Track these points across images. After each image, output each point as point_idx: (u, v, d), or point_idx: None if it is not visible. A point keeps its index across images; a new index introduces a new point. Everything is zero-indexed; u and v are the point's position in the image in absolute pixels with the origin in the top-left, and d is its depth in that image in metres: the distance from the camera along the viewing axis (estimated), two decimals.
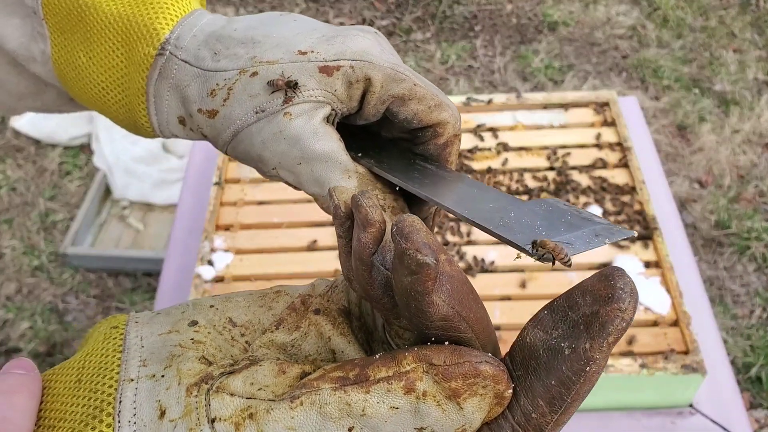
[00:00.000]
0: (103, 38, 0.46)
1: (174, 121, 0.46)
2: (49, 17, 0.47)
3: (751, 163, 2.55)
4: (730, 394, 1.03)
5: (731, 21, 3.10)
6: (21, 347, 2.12)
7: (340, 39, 0.43)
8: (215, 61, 0.44)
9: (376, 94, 0.44)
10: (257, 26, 0.45)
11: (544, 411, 0.30)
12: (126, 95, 0.46)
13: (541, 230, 0.40)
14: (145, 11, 0.45)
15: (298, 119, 0.42)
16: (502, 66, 2.94)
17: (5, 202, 2.51)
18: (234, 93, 0.43)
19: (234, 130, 0.44)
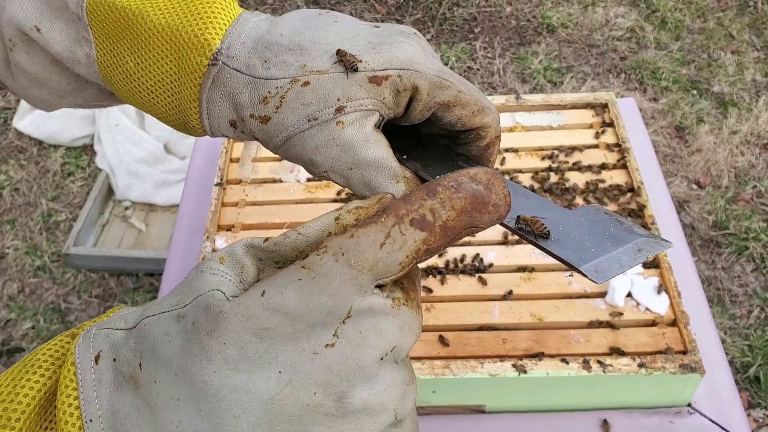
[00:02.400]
0: (152, 46, 0.48)
1: (225, 124, 0.48)
2: (94, 23, 0.50)
3: (749, 164, 2.56)
4: (729, 393, 1.04)
5: (729, 23, 3.11)
6: (23, 347, 2.13)
7: (386, 47, 0.45)
8: (266, 69, 0.45)
9: (422, 102, 0.45)
10: (302, 29, 0.47)
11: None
12: (177, 99, 0.49)
13: (589, 246, 0.42)
14: (194, 22, 0.47)
15: (350, 127, 0.44)
16: (501, 67, 2.95)
17: (8, 203, 2.52)
18: (286, 101, 0.45)
19: (286, 135, 0.45)
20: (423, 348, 0.98)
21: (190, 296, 0.35)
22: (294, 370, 0.33)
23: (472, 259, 1.08)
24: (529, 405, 1.01)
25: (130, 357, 0.35)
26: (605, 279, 0.40)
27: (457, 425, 1.01)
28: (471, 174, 0.37)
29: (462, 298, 1.04)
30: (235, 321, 0.33)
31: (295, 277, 0.34)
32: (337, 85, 0.44)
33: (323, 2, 3.26)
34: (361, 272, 0.34)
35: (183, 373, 0.33)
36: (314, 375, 0.33)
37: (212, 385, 0.32)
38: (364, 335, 0.34)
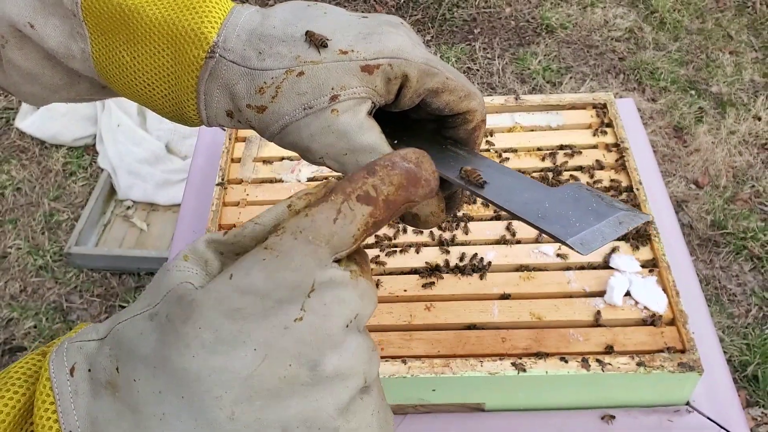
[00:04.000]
0: (149, 40, 0.49)
1: (222, 114, 0.51)
2: (89, 19, 0.51)
3: (747, 164, 2.56)
4: (727, 392, 1.04)
5: (728, 23, 3.11)
6: (25, 346, 2.14)
7: (376, 37, 0.48)
8: (261, 60, 0.47)
9: (412, 89, 0.48)
10: (293, 21, 0.49)
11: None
12: (173, 91, 0.50)
13: (573, 221, 0.45)
14: (190, 16, 0.48)
15: (345, 115, 0.47)
16: (500, 68, 2.96)
17: (10, 203, 2.52)
18: (282, 91, 0.47)
19: (282, 124, 0.48)
20: (422, 347, 0.99)
21: (159, 295, 0.36)
22: (268, 346, 0.34)
23: (471, 258, 1.09)
24: (529, 403, 1.01)
25: (106, 363, 0.36)
26: (590, 251, 0.43)
27: (456, 424, 1.02)
28: (401, 154, 0.40)
29: (461, 297, 1.05)
30: (207, 306, 0.34)
31: (259, 257, 0.35)
32: (331, 74, 0.46)
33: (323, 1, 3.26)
34: (319, 246, 0.36)
35: (162, 365, 0.34)
36: (287, 348, 0.34)
37: (192, 370, 0.33)
38: (328, 306, 0.35)
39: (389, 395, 0.99)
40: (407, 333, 1.01)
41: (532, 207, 0.46)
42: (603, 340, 0.98)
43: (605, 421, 1.00)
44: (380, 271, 1.09)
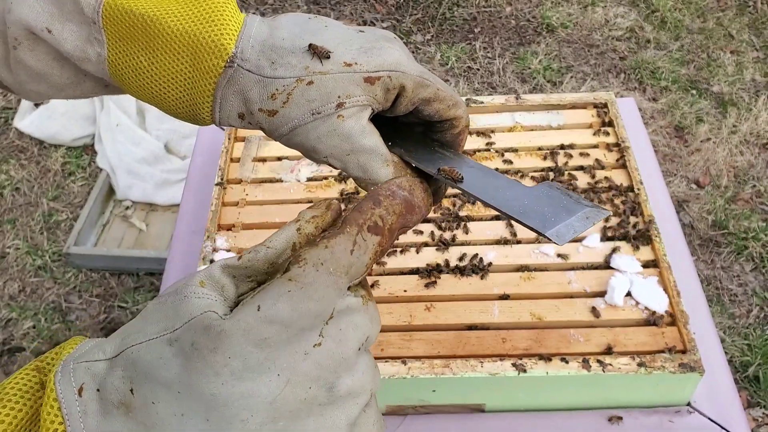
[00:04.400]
0: (169, 49, 0.53)
1: (234, 116, 0.55)
2: (108, 27, 0.54)
3: (749, 164, 2.56)
4: (728, 392, 1.04)
5: (729, 23, 3.11)
6: (24, 346, 2.13)
7: (376, 52, 0.53)
8: (273, 70, 0.52)
9: (407, 98, 0.54)
10: (299, 34, 0.54)
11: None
12: (189, 95, 0.55)
13: (549, 216, 0.53)
14: (210, 29, 0.53)
15: (349, 120, 0.52)
16: (501, 67, 2.95)
17: (9, 202, 2.52)
18: (293, 97, 0.52)
19: (292, 126, 0.53)
20: (423, 347, 0.99)
21: (179, 321, 0.38)
22: (291, 371, 0.37)
23: (471, 259, 1.08)
24: (529, 404, 1.01)
25: (119, 384, 0.37)
26: (564, 242, 0.51)
27: (456, 424, 1.01)
28: (398, 183, 0.46)
29: (461, 297, 1.05)
30: (237, 336, 0.36)
31: (284, 289, 0.38)
32: (337, 84, 0.52)
33: (324, 2, 3.26)
34: (339, 277, 0.40)
35: (188, 390, 0.36)
36: (308, 372, 0.37)
37: (221, 395, 0.36)
38: (344, 331, 0.39)
39: (389, 396, 0.99)
40: (407, 333, 1.00)
41: (513, 203, 0.54)
42: (604, 341, 0.98)
43: (612, 422, 1.00)
44: (380, 271, 1.08)
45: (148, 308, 0.41)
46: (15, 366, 2.09)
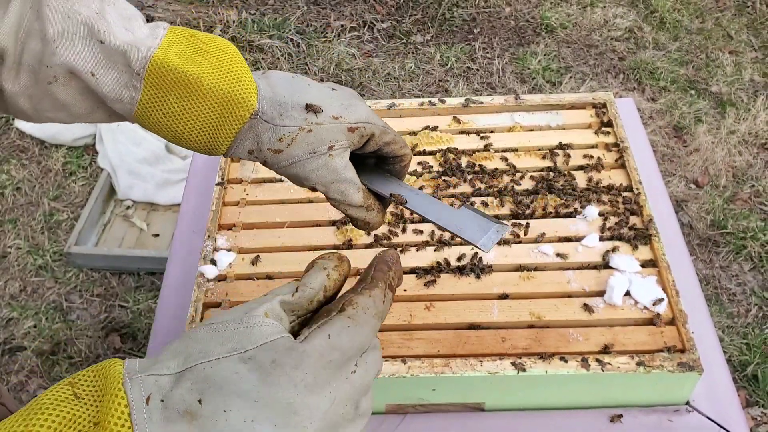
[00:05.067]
0: (203, 100, 0.68)
1: (245, 151, 0.72)
2: (149, 78, 0.67)
3: (747, 164, 2.57)
4: (727, 392, 1.04)
5: (727, 23, 3.12)
6: (25, 345, 2.14)
7: (353, 108, 0.73)
8: (281, 120, 0.70)
9: (375, 141, 0.75)
10: (293, 92, 0.72)
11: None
12: (213, 136, 0.70)
13: (475, 230, 0.78)
14: (239, 88, 0.69)
15: (336, 158, 0.72)
16: (500, 68, 2.96)
17: (10, 202, 2.53)
18: (296, 141, 0.71)
19: (292, 161, 0.72)
20: (422, 346, 0.99)
21: (250, 343, 0.46)
22: (337, 390, 0.47)
23: (470, 258, 1.09)
24: (528, 403, 1.01)
25: (186, 396, 0.43)
26: (488, 250, 0.77)
27: (456, 423, 1.02)
28: (391, 253, 0.58)
29: (461, 297, 1.05)
30: (314, 357, 0.46)
31: (345, 324, 0.49)
32: (329, 132, 0.71)
33: (324, 2, 3.27)
34: (379, 321, 0.52)
35: (265, 399, 0.43)
36: (347, 393, 0.48)
37: (294, 404, 0.44)
38: (369, 364, 0.51)
39: (389, 395, 0.99)
40: (407, 333, 1.01)
41: (450, 220, 0.78)
42: (603, 340, 0.98)
43: (614, 422, 1.00)
44: None
45: (200, 332, 0.47)
46: (16, 365, 2.10)
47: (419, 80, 2.93)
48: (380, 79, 2.93)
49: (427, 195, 0.79)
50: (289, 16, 3.16)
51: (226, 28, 3.08)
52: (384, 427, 1.02)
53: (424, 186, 1.20)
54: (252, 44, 3.03)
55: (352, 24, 3.16)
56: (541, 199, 1.16)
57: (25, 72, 0.66)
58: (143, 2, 3.16)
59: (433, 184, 1.20)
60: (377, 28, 3.16)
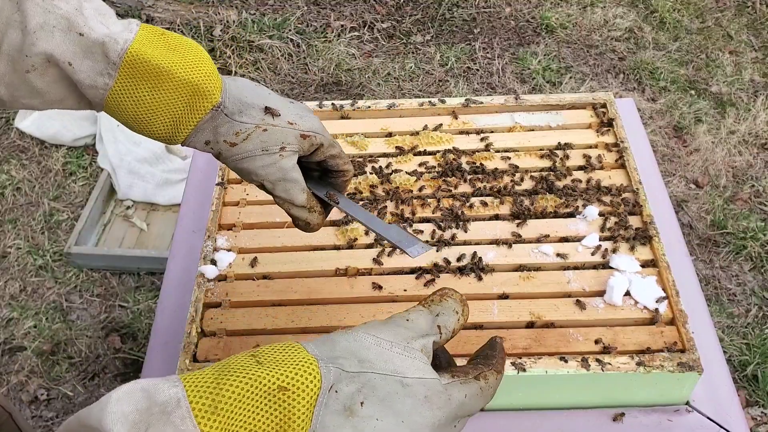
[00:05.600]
0: (172, 90, 0.74)
1: (201, 141, 0.79)
2: (125, 68, 0.72)
3: (747, 164, 2.57)
4: (727, 392, 1.04)
5: (727, 23, 3.12)
6: (25, 345, 2.14)
7: (307, 118, 0.81)
8: (240, 116, 0.77)
9: (322, 152, 0.82)
10: (255, 96, 0.79)
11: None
12: (175, 124, 0.76)
13: (404, 242, 0.84)
14: (206, 81, 0.75)
15: (286, 159, 0.79)
16: (500, 68, 2.96)
17: (10, 202, 2.53)
18: (251, 137, 0.78)
19: (243, 156, 0.78)
20: None
21: (411, 373, 0.53)
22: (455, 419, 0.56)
23: (470, 258, 1.09)
24: (528, 403, 1.02)
25: (354, 394, 0.51)
26: (415, 257, 0.82)
27: None
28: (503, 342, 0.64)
29: None
30: (454, 406, 0.54)
31: (478, 392, 0.57)
32: (282, 134, 0.78)
33: (324, 3, 3.27)
34: (487, 400, 0.59)
35: (408, 422, 0.51)
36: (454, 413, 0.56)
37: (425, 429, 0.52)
38: (458, 427, 0.57)
39: None
40: None
41: (380, 227, 0.85)
42: (602, 340, 0.98)
43: (617, 421, 1.00)
44: (380, 270, 1.09)
45: (368, 341, 0.54)
46: (16, 365, 2.10)
47: (419, 80, 2.93)
48: (380, 79, 2.93)
49: (362, 208, 0.88)
50: (289, 16, 3.16)
51: (226, 28, 3.08)
52: None
53: (425, 186, 1.20)
54: (252, 44, 3.03)
55: (352, 24, 3.16)
56: (541, 199, 1.16)
57: (4, 61, 0.70)
58: (143, 2, 3.16)
59: (434, 184, 1.20)
60: (377, 28, 3.16)
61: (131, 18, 0.76)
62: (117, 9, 3.18)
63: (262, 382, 0.48)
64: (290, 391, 0.48)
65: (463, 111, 1.32)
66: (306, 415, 0.48)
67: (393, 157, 1.25)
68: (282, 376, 0.49)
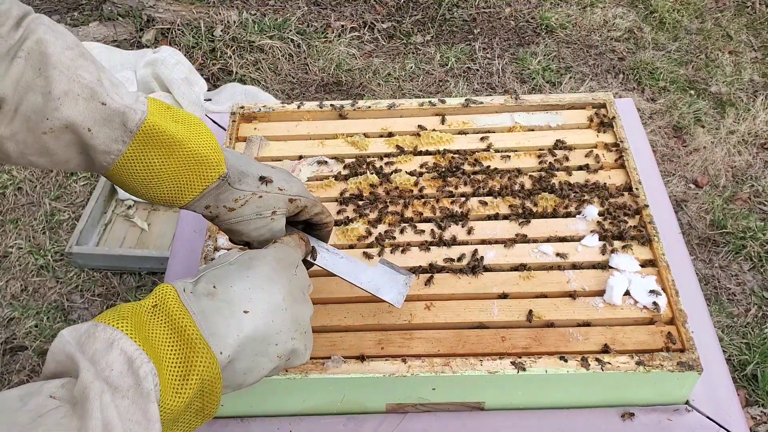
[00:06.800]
0: (182, 159, 0.81)
1: (202, 206, 0.86)
2: (140, 136, 0.79)
3: (747, 164, 2.57)
4: (726, 391, 1.05)
5: (727, 23, 3.12)
6: (27, 345, 2.14)
7: (294, 182, 0.91)
8: (240, 184, 0.87)
9: (306, 212, 0.92)
10: (248, 165, 0.89)
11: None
12: (180, 189, 0.83)
13: (386, 288, 0.97)
14: (214, 154, 0.83)
15: (276, 221, 0.89)
16: (500, 68, 2.96)
17: (11, 202, 2.53)
18: (248, 203, 0.87)
19: (240, 219, 0.88)
20: (422, 346, 0.99)
21: (232, 257, 0.79)
22: (290, 278, 0.79)
23: (470, 257, 1.09)
24: (528, 402, 1.02)
25: (206, 285, 0.72)
26: (400, 305, 0.97)
27: (456, 422, 1.02)
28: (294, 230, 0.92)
29: (461, 296, 1.05)
30: (271, 256, 0.80)
31: (281, 245, 0.85)
32: (275, 200, 0.88)
33: (324, 3, 3.27)
34: (298, 249, 0.88)
35: (252, 276, 0.74)
36: (295, 282, 0.79)
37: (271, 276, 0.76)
38: (300, 272, 0.83)
39: (389, 394, 1.00)
40: (407, 332, 1.01)
41: (363, 279, 0.97)
42: (602, 340, 0.99)
43: (625, 419, 1.00)
44: None
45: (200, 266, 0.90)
46: (17, 365, 2.10)
47: (419, 80, 2.93)
48: (380, 79, 2.93)
49: (345, 255, 0.98)
50: (290, 17, 3.17)
51: (227, 28, 3.09)
52: (384, 426, 1.02)
53: (425, 186, 1.20)
54: (252, 44, 3.04)
55: (352, 24, 3.17)
56: (541, 199, 1.17)
57: (20, 120, 0.75)
58: (144, 2, 3.17)
59: (434, 184, 1.21)
60: (377, 29, 3.16)
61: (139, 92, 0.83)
62: (118, 9, 3.18)
63: (142, 306, 0.68)
64: (158, 306, 0.68)
65: (463, 111, 1.33)
66: (179, 308, 0.68)
67: (393, 156, 1.26)
68: (153, 300, 0.69)
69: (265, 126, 1.33)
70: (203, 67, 2.96)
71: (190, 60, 2.84)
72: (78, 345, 0.61)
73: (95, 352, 0.60)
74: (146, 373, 0.60)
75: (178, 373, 0.64)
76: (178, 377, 0.64)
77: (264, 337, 0.71)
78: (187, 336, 0.66)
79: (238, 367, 0.70)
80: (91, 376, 0.57)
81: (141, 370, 0.60)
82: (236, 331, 0.69)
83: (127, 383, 0.59)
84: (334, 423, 1.03)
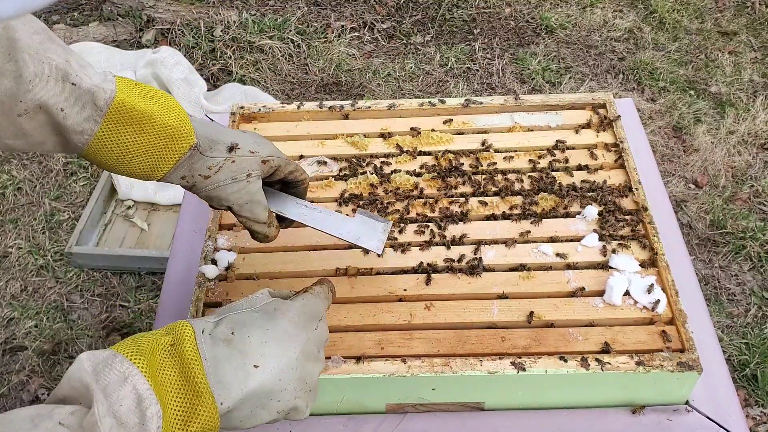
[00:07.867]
0: (153, 133, 0.84)
1: (178, 177, 0.89)
2: (111, 114, 0.81)
3: (746, 164, 2.57)
4: (726, 391, 1.05)
5: (727, 23, 3.12)
6: (26, 345, 2.14)
7: (264, 145, 0.93)
8: (212, 151, 0.89)
9: (281, 171, 0.95)
10: (218, 133, 0.91)
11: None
12: (154, 163, 0.86)
13: (366, 237, 0.99)
14: (183, 125, 0.86)
15: (252, 184, 0.91)
16: (500, 68, 2.96)
17: (11, 202, 2.53)
18: (222, 169, 0.89)
19: (216, 185, 0.90)
20: (422, 346, 0.99)
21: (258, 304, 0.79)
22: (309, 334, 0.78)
23: (471, 257, 1.09)
24: (528, 402, 1.02)
25: (224, 330, 0.73)
26: (381, 252, 0.99)
27: (456, 422, 1.02)
28: (325, 280, 0.86)
29: (461, 297, 1.05)
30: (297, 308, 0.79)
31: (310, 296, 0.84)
32: (247, 163, 0.90)
33: (324, 3, 3.27)
34: (326, 302, 0.84)
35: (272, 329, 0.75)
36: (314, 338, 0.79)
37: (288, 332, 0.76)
38: (321, 327, 0.82)
39: (389, 394, 1.00)
40: (407, 332, 1.01)
41: (346, 231, 0.99)
42: (602, 340, 0.99)
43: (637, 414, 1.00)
44: (381, 270, 1.09)
45: (223, 305, 0.88)
46: (17, 365, 2.10)
47: (419, 80, 2.93)
48: (380, 79, 2.93)
49: (324, 209, 1.00)
50: (290, 17, 3.17)
51: (227, 28, 3.09)
52: (384, 426, 1.02)
53: (425, 186, 1.20)
54: (252, 45, 3.04)
55: (352, 25, 3.17)
56: (541, 199, 1.17)
57: None
58: (144, 2, 3.17)
59: (434, 184, 1.21)
60: (377, 29, 3.16)
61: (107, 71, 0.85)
62: (118, 10, 3.18)
63: (161, 341, 0.70)
64: (175, 345, 0.70)
65: (463, 111, 1.33)
66: (193, 352, 0.69)
67: (393, 156, 1.26)
68: (171, 339, 0.71)
69: (264, 126, 1.33)
70: (203, 68, 2.96)
71: (189, 60, 2.84)
72: (94, 374, 0.64)
73: (108, 384, 0.63)
74: (152, 414, 0.63)
75: (180, 418, 0.67)
76: (179, 422, 0.66)
77: (268, 393, 0.73)
78: (195, 384, 0.68)
79: (236, 415, 0.72)
80: (104, 411, 0.60)
81: (148, 411, 0.63)
82: (242, 384, 0.70)
83: (133, 420, 0.62)
84: (334, 423, 1.03)
